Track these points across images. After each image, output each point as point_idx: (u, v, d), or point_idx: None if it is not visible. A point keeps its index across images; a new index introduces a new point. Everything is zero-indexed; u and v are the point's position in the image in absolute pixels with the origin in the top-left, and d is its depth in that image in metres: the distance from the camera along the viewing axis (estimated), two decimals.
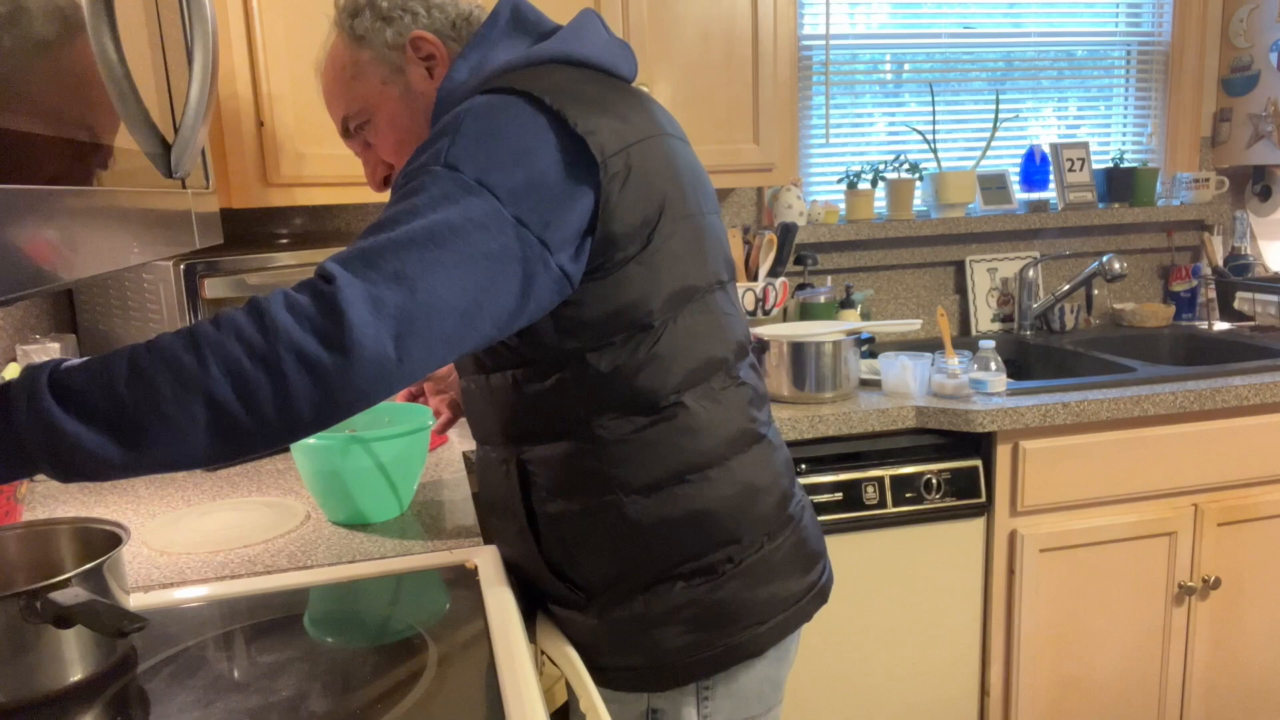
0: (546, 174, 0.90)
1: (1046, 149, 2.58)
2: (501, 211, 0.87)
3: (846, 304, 2.33)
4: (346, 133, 1.14)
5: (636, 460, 1.00)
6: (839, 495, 1.80)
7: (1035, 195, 2.61)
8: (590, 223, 0.94)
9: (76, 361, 0.77)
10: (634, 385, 0.99)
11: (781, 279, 2.20)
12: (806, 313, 2.29)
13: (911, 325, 1.99)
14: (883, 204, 2.51)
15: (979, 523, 1.90)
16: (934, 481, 1.85)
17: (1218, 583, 1.98)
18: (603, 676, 1.05)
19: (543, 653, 1.09)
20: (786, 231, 2.16)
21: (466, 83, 1.02)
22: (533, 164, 0.90)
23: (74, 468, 0.74)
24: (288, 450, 1.61)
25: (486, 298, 0.86)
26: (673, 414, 1.00)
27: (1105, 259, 2.33)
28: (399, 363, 0.80)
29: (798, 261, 2.34)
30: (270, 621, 0.98)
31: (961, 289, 2.58)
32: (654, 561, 1.02)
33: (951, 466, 1.86)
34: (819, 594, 1.12)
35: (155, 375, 0.74)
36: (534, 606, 1.12)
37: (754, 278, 2.18)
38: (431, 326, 0.82)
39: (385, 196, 1.76)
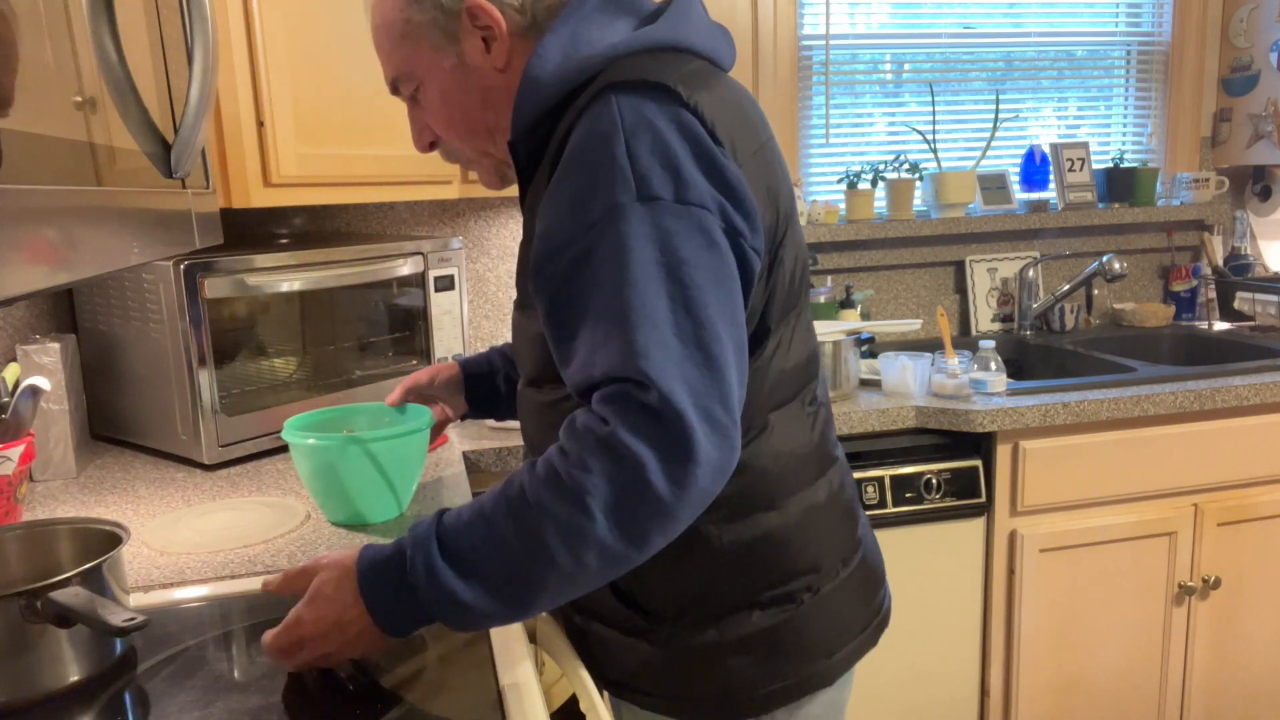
0: (726, 169, 0.85)
1: (1046, 149, 2.58)
2: (714, 222, 0.83)
3: (846, 304, 2.33)
4: (395, 91, 1.04)
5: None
6: None
7: (1035, 195, 2.61)
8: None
9: (459, 519, 0.81)
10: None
11: None
12: None
13: (911, 325, 1.99)
14: (883, 204, 2.51)
15: (979, 523, 1.90)
16: (934, 481, 1.85)
17: (1218, 583, 1.98)
18: (665, 704, 1.00)
19: (543, 652, 1.09)
20: None
21: (561, 67, 0.91)
22: (712, 162, 0.84)
23: (467, 626, 0.81)
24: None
25: (738, 313, 0.84)
26: (761, 435, 0.94)
27: (1105, 259, 2.33)
28: (731, 426, 0.79)
29: None
30: (270, 621, 0.98)
31: (961, 289, 2.58)
32: (732, 589, 0.96)
33: (951, 466, 1.86)
34: (883, 619, 1.08)
35: (545, 539, 0.77)
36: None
37: None
38: (727, 376, 0.80)
39: (382, 195, 1.77)
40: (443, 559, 0.79)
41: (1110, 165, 2.64)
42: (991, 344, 1.93)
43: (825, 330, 1.92)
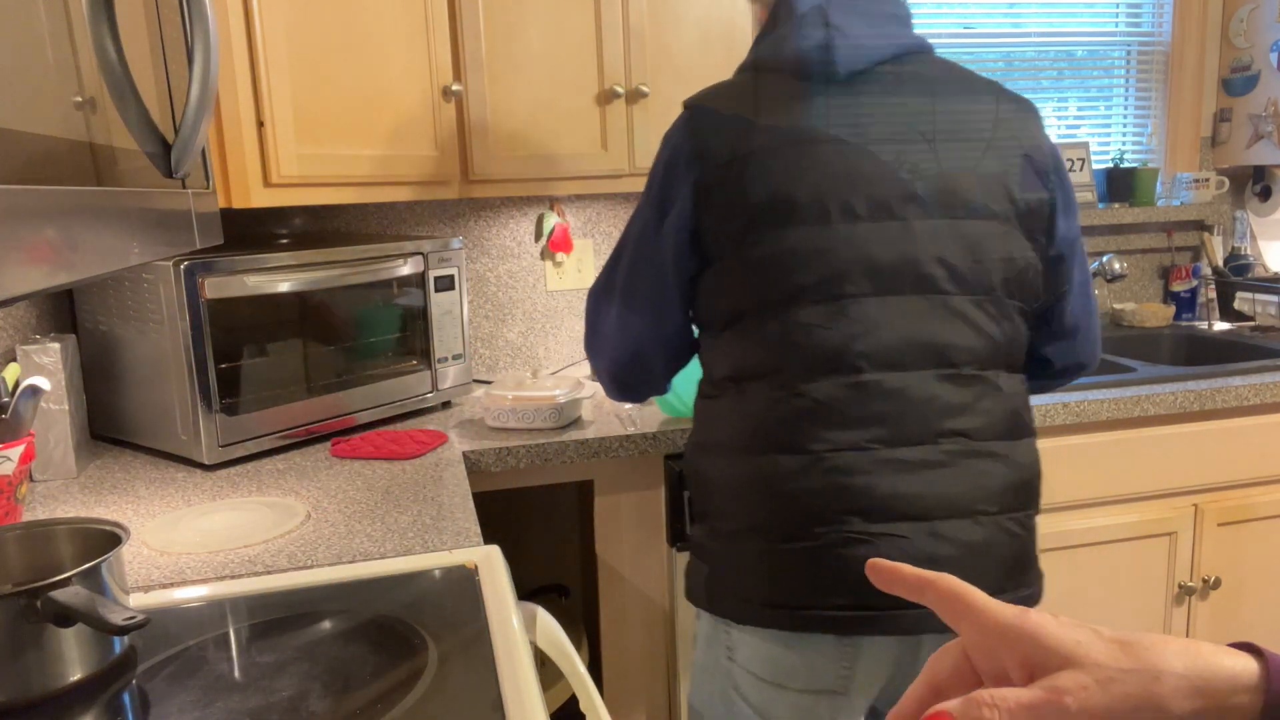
0: (669, 173, 1.19)
1: None
2: (653, 214, 1.20)
3: None
4: None
5: (701, 420, 1.25)
6: None
7: None
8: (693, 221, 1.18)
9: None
10: (711, 362, 1.23)
11: None
12: None
13: None
14: None
15: None
16: None
17: (1218, 583, 1.98)
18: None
19: (543, 652, 1.09)
20: None
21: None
22: (671, 168, 1.19)
23: None
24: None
25: (646, 283, 1.23)
26: (729, 396, 1.18)
27: (1105, 259, 2.33)
28: (594, 353, 1.36)
29: None
30: (270, 621, 0.98)
31: None
32: (700, 500, 1.23)
33: None
34: (840, 621, 1.09)
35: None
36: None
37: None
38: (593, 322, 1.33)
39: (382, 195, 1.77)
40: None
41: (1110, 165, 2.64)
42: None
43: None
